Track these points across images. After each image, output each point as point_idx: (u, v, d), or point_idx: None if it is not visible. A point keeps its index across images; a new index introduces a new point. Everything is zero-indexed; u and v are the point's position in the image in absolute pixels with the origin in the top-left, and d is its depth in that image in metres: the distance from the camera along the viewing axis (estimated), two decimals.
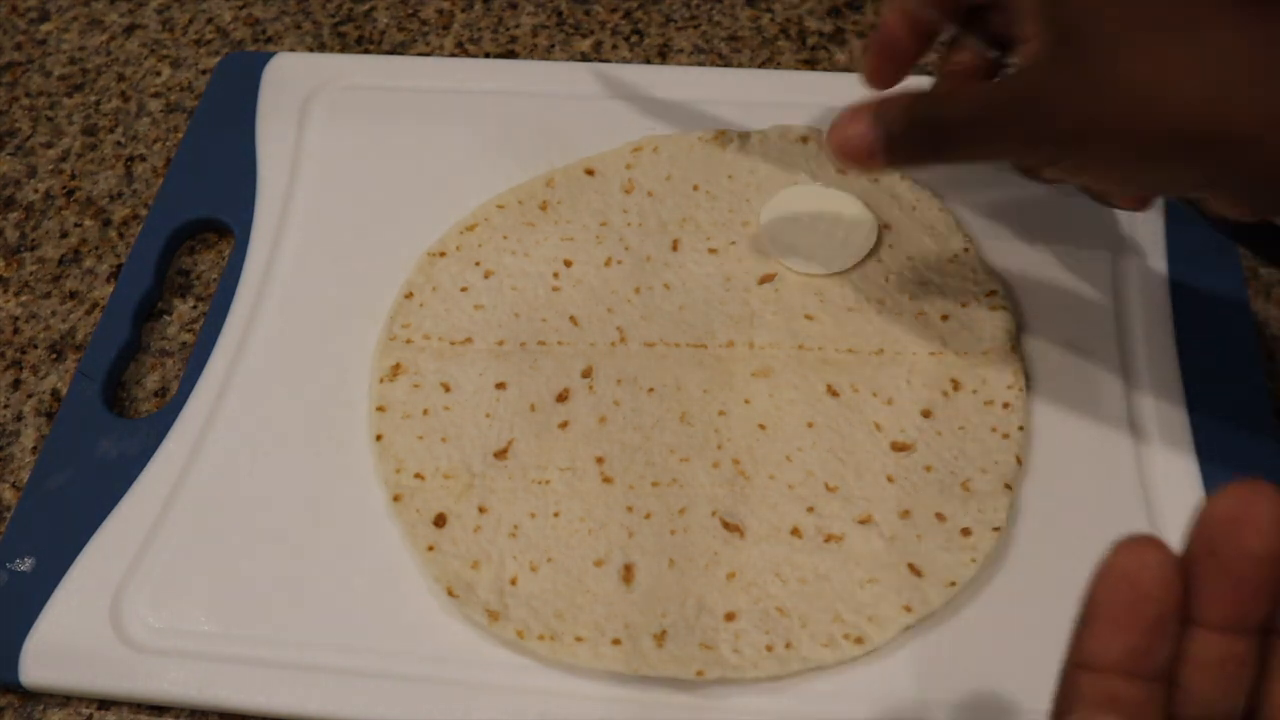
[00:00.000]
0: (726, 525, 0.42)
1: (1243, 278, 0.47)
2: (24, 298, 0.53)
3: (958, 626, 0.40)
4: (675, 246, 0.49)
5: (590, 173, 0.52)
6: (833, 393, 0.44)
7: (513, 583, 0.41)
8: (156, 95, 0.60)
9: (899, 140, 0.38)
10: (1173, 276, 0.47)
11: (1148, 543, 0.23)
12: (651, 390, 0.45)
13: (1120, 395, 0.44)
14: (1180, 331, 0.46)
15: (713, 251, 0.49)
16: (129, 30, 0.63)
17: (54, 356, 0.51)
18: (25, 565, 0.43)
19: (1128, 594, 0.23)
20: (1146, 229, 0.49)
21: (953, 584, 0.40)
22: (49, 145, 0.58)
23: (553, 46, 0.60)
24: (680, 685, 0.39)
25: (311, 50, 0.61)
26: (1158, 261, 0.48)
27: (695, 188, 0.51)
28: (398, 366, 0.46)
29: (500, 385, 0.46)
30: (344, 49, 0.61)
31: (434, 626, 0.41)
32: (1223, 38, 0.32)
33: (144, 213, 0.55)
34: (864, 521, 0.41)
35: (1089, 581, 0.23)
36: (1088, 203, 0.50)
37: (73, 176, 0.57)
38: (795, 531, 0.41)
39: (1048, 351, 0.46)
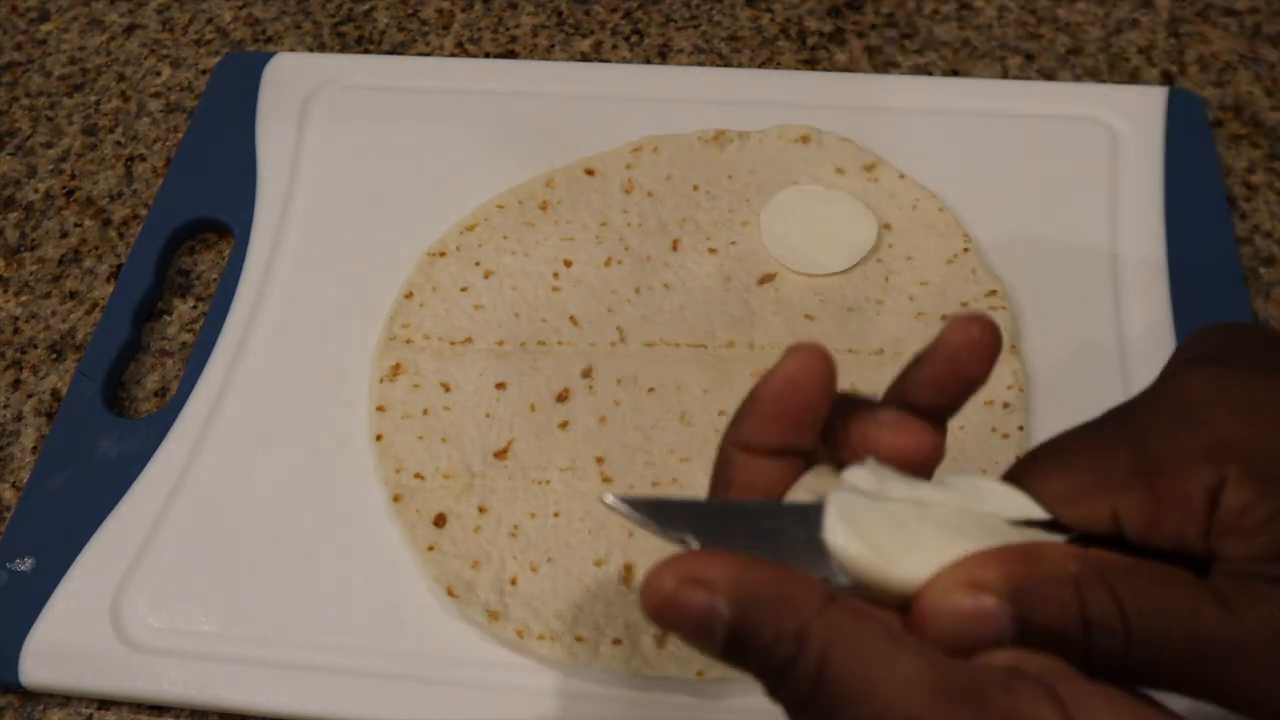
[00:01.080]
0: None
1: (1243, 278, 0.47)
2: (24, 298, 0.53)
3: None
4: (675, 246, 0.49)
5: (590, 173, 0.52)
6: None
7: (513, 583, 0.41)
8: (156, 95, 0.60)
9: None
10: (1173, 276, 0.47)
11: (813, 352, 0.26)
12: (651, 390, 0.45)
13: (1120, 395, 0.44)
14: (1180, 332, 0.46)
15: (713, 251, 0.49)
16: (129, 30, 0.63)
17: (54, 356, 0.51)
18: (25, 565, 0.43)
19: (793, 397, 0.26)
20: (1146, 228, 0.49)
21: None
22: (49, 145, 0.58)
23: (553, 46, 0.60)
24: (680, 685, 0.39)
25: (311, 50, 0.61)
26: (1158, 261, 0.48)
27: (695, 188, 0.51)
28: (398, 366, 0.46)
29: (500, 385, 0.46)
30: (344, 49, 0.61)
31: (434, 626, 0.41)
32: None
33: (144, 213, 0.55)
34: None
35: (763, 379, 0.27)
36: (1088, 203, 0.50)
37: (73, 176, 0.57)
38: None
39: (1048, 351, 0.46)
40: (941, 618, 0.23)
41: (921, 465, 0.27)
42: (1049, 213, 0.49)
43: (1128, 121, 0.52)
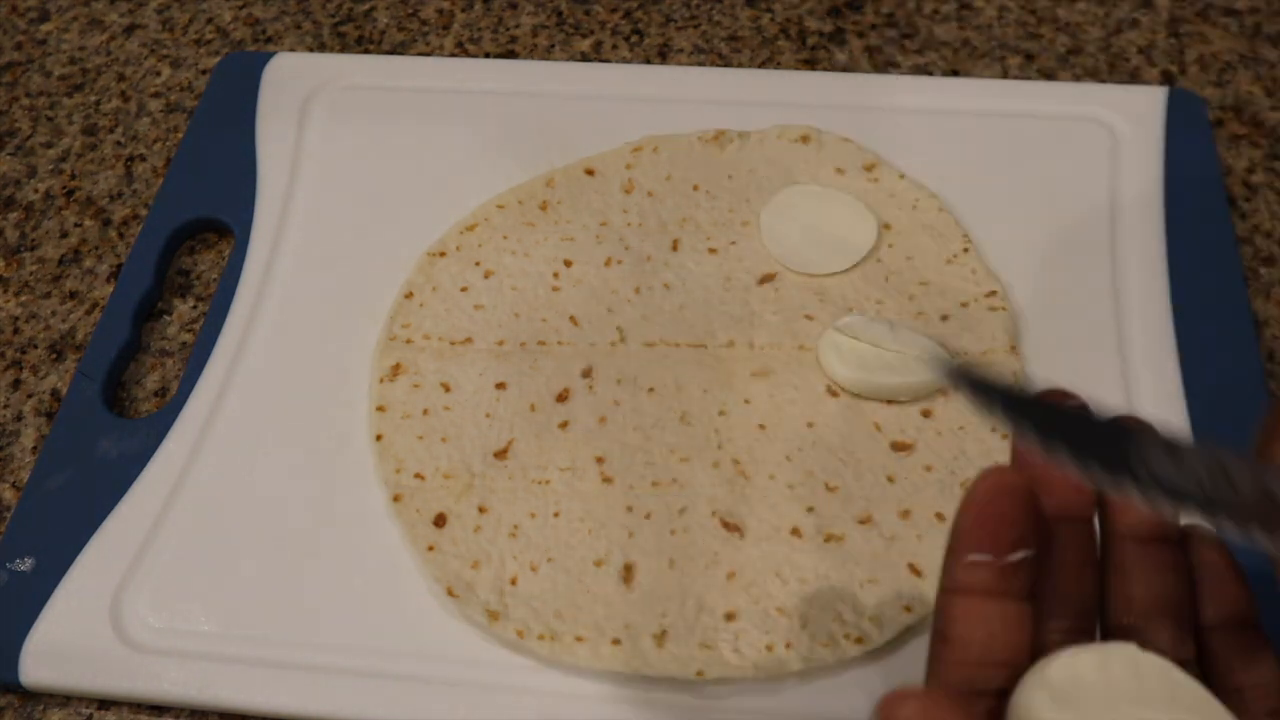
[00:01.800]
0: (726, 525, 0.42)
1: (1243, 277, 0.47)
2: (24, 298, 0.53)
3: None
4: (675, 246, 0.49)
5: (590, 173, 0.52)
6: (832, 393, 0.44)
7: (513, 583, 0.41)
8: (156, 95, 0.60)
9: None
10: (1172, 276, 0.47)
11: (1004, 470, 0.25)
12: (651, 390, 0.45)
13: (1120, 395, 0.44)
14: (1180, 331, 0.46)
15: (713, 251, 0.49)
16: (129, 30, 0.63)
17: (54, 356, 0.51)
18: (25, 565, 0.43)
19: (990, 522, 0.25)
20: (1146, 228, 0.49)
21: None
22: (49, 145, 0.58)
23: (553, 46, 0.60)
24: (680, 685, 0.39)
25: (311, 50, 0.61)
26: (1158, 261, 0.48)
27: (695, 188, 0.51)
28: (398, 366, 0.46)
29: (500, 385, 0.46)
30: (344, 49, 0.61)
31: (434, 627, 0.41)
32: None
33: (144, 213, 0.55)
34: (864, 521, 0.41)
35: (957, 513, 0.25)
36: (1088, 203, 0.50)
37: (73, 176, 0.57)
38: (795, 531, 0.41)
39: (1048, 351, 0.46)
40: None
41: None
42: (1049, 213, 0.49)
43: (1128, 121, 0.52)
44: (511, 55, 0.60)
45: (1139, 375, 0.45)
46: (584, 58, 0.59)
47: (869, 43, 0.58)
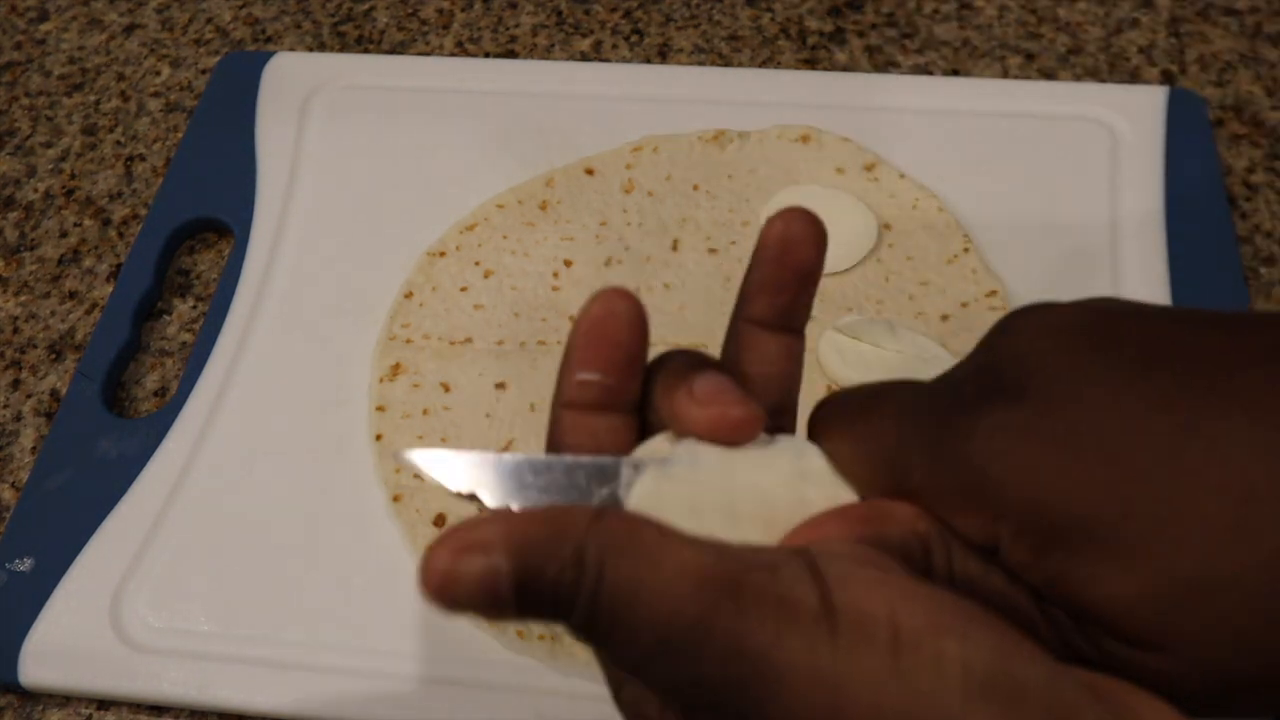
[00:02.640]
0: None
1: (1243, 277, 0.47)
2: (23, 298, 0.53)
3: None
4: (675, 246, 0.49)
5: (590, 173, 0.52)
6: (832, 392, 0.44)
7: None
8: (156, 95, 0.60)
9: None
10: (1173, 276, 0.47)
11: (616, 293, 0.26)
12: None
13: None
14: None
15: (713, 251, 0.49)
16: (129, 30, 0.63)
17: (53, 356, 0.50)
18: (25, 565, 0.43)
19: (601, 339, 0.26)
20: (1146, 228, 0.49)
21: None
22: (49, 145, 0.58)
23: (553, 46, 0.60)
24: None
25: (311, 50, 0.61)
26: (1158, 261, 0.48)
27: (695, 188, 0.51)
28: (397, 366, 0.46)
29: (500, 385, 0.46)
30: (344, 49, 0.61)
31: (434, 626, 0.41)
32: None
33: (144, 212, 0.55)
34: None
35: (571, 329, 0.26)
36: (1088, 203, 0.50)
37: (72, 176, 0.57)
38: None
39: None
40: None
41: (738, 436, 0.25)
42: (1049, 213, 0.49)
43: (1128, 121, 0.52)
44: (511, 55, 0.60)
45: None
46: (584, 57, 0.59)
47: (869, 42, 0.58)
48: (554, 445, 0.27)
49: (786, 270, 0.27)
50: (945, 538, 0.24)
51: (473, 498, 0.25)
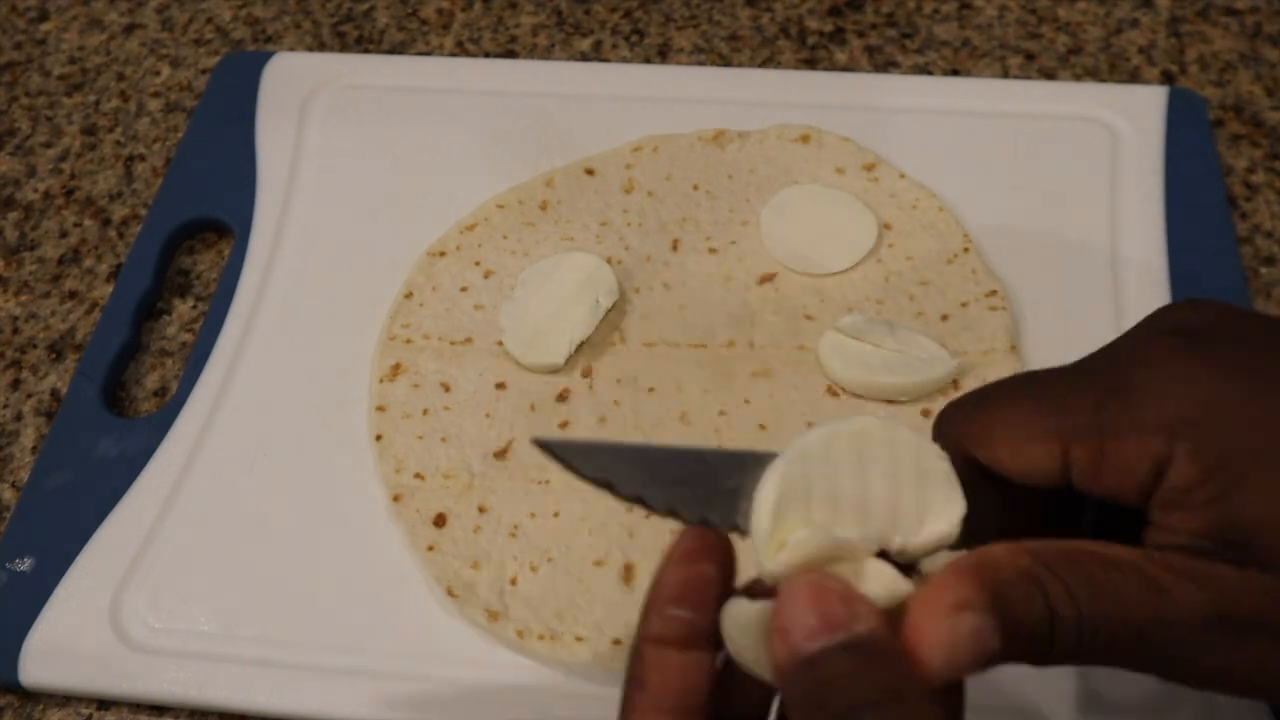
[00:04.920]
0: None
1: (1243, 277, 0.47)
2: (24, 297, 0.53)
3: None
4: (675, 246, 0.49)
5: (590, 173, 0.52)
6: (832, 393, 0.44)
7: (513, 583, 0.41)
8: (156, 95, 0.60)
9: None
10: (1173, 276, 0.47)
11: (705, 532, 0.27)
12: (651, 390, 0.45)
13: None
14: None
15: (713, 251, 0.49)
16: (129, 30, 0.63)
17: (54, 356, 0.50)
18: (25, 565, 0.43)
19: (692, 579, 0.27)
20: (1146, 228, 0.49)
21: None
22: (49, 145, 0.58)
23: (553, 46, 0.60)
24: None
25: (311, 50, 0.61)
26: (1158, 261, 0.48)
27: (695, 188, 0.51)
28: (398, 366, 0.46)
29: (500, 385, 0.46)
30: (344, 49, 0.61)
31: (434, 626, 0.41)
32: None
33: (144, 212, 0.55)
34: None
35: (659, 567, 0.27)
36: (1088, 203, 0.50)
37: (72, 176, 0.57)
38: None
39: (1048, 351, 0.46)
40: (940, 647, 0.24)
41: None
42: (1049, 213, 0.49)
43: (1128, 121, 0.52)
44: (511, 55, 0.60)
45: None
46: (584, 58, 0.59)
47: (869, 42, 0.58)
48: (636, 681, 0.27)
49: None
50: (1047, 563, 0.25)
51: (606, 485, 0.26)
